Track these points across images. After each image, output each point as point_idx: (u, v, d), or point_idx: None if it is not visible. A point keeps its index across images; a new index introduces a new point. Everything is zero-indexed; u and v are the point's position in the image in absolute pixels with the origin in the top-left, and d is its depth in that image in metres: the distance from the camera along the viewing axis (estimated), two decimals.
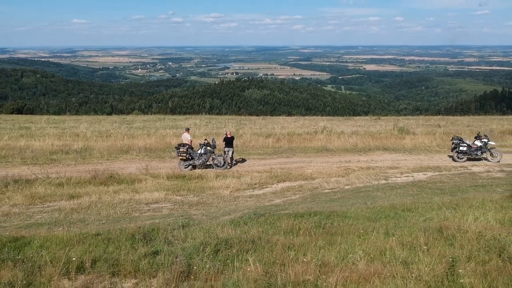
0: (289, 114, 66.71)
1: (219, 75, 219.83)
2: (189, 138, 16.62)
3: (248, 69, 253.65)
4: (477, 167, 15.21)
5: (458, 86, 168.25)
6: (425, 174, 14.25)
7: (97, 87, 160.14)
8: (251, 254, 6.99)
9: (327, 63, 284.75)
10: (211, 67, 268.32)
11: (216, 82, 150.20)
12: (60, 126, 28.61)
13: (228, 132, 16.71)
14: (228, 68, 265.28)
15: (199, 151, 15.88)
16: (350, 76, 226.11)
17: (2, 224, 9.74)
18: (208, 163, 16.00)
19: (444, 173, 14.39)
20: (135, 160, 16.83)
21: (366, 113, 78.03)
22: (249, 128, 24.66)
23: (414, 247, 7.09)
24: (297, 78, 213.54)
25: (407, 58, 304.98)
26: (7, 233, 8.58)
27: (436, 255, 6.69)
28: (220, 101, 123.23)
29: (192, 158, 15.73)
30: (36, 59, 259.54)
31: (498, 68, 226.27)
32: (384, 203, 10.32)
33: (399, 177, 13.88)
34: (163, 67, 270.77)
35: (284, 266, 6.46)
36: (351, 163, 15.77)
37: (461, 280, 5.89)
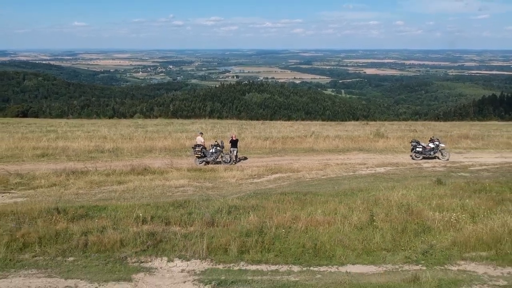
0: (289, 118, 69.51)
1: (219, 78, 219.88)
2: (203, 140, 20.46)
3: (249, 72, 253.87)
4: (427, 164, 19.12)
5: (458, 90, 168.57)
6: (385, 169, 18.14)
7: (99, 90, 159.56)
8: (252, 212, 11.18)
9: (328, 67, 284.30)
10: (212, 71, 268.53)
11: (217, 86, 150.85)
12: (83, 129, 32.12)
13: (233, 136, 20.63)
14: (229, 71, 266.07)
15: (210, 151, 19.85)
16: (350, 80, 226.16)
17: (76, 200, 13.80)
18: (218, 160, 19.87)
19: (400, 168, 18.40)
20: (158, 158, 20.83)
21: (365, 117, 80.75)
22: (249, 132, 28.31)
23: (354, 209, 11.25)
24: (298, 81, 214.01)
25: (407, 62, 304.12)
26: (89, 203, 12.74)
27: (364, 212, 10.87)
28: (220, 104, 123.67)
29: (205, 156, 19.66)
30: (37, 61, 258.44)
31: (498, 72, 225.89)
32: (346, 187, 14.48)
33: (364, 170, 17.84)
34: (164, 70, 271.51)
35: (272, 218, 10.68)
36: (330, 160, 19.70)
37: (375, 223, 10.10)
